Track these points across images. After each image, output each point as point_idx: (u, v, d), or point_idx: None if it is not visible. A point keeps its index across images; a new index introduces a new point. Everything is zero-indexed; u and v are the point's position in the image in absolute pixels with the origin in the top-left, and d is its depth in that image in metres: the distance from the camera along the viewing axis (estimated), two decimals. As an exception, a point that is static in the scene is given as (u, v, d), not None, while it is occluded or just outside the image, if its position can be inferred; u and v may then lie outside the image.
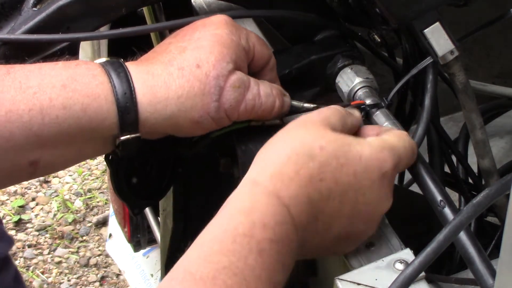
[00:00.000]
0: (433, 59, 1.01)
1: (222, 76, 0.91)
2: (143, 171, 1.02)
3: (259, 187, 0.84)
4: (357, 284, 0.88)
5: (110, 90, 0.89)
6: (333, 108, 0.94)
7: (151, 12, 1.19)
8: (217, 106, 0.92)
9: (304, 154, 0.86)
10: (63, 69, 0.90)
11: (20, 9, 1.01)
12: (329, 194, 0.87)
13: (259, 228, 0.81)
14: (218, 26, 0.94)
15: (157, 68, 0.91)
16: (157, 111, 0.90)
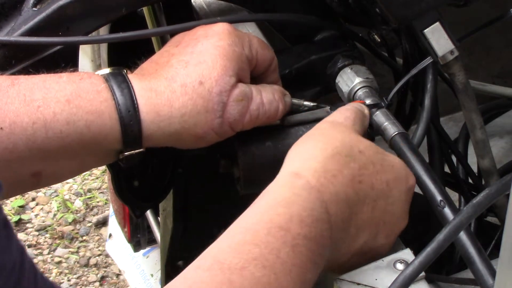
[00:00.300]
0: (433, 59, 1.01)
1: (225, 92, 0.91)
2: (144, 173, 1.02)
3: (301, 181, 0.84)
4: (357, 284, 0.88)
5: (114, 107, 0.89)
6: (354, 110, 0.95)
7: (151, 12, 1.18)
8: (220, 122, 0.92)
9: (346, 154, 0.87)
10: (67, 83, 0.90)
11: (20, 9, 1.00)
12: (364, 198, 0.88)
13: (296, 223, 0.80)
14: (221, 37, 0.94)
15: (160, 85, 0.91)
16: (161, 128, 0.91)
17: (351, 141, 0.89)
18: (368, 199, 0.88)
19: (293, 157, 0.88)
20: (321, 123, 0.92)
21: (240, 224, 0.81)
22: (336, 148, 0.87)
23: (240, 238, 0.79)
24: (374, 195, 0.88)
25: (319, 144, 0.88)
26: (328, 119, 0.93)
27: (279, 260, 0.78)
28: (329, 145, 0.88)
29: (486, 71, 1.72)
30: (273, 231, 0.79)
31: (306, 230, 0.81)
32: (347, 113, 0.94)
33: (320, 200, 0.83)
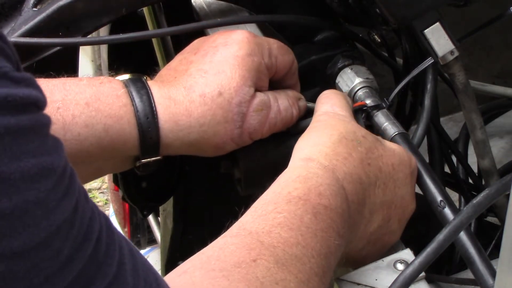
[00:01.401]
0: (433, 59, 1.01)
1: (245, 102, 0.92)
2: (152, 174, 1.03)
3: (314, 162, 0.85)
4: (357, 284, 0.88)
5: (133, 112, 0.89)
6: (342, 96, 0.96)
7: (151, 12, 1.19)
8: (240, 132, 0.92)
9: (352, 139, 0.88)
10: (87, 86, 0.90)
11: (20, 9, 1.01)
12: (375, 180, 0.88)
13: (315, 194, 0.81)
14: (240, 46, 0.94)
15: (179, 94, 0.91)
16: (179, 138, 0.91)
17: (353, 127, 0.90)
18: (379, 181, 0.89)
19: (301, 146, 0.89)
20: (319, 115, 0.93)
21: (260, 202, 0.82)
22: (341, 134, 0.88)
23: (262, 210, 0.80)
24: (384, 178, 0.89)
25: (325, 131, 0.89)
26: (324, 110, 0.93)
27: (304, 224, 0.78)
28: (335, 131, 0.88)
29: (486, 71, 1.72)
30: (294, 201, 0.80)
31: (326, 201, 0.81)
32: (337, 101, 0.95)
33: (335, 179, 0.84)
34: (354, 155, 0.87)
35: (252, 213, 0.80)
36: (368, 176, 0.87)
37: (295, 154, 0.88)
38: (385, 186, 0.89)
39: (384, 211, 0.90)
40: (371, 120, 1.02)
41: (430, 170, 0.95)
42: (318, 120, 0.92)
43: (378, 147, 0.90)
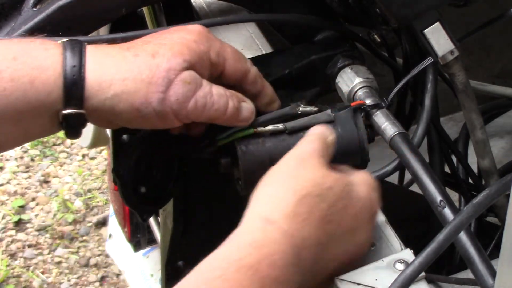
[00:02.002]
0: (433, 59, 1.01)
1: (174, 70, 0.90)
2: (150, 177, 1.03)
3: (273, 226, 0.84)
4: (357, 284, 0.88)
5: (60, 62, 0.88)
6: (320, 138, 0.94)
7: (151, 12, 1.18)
8: (162, 97, 0.89)
9: (316, 194, 0.87)
10: (17, 43, 0.90)
11: (20, 9, 1.00)
12: (332, 237, 0.88)
13: (267, 264, 0.80)
14: (190, 32, 0.93)
15: (114, 51, 0.91)
16: (102, 89, 0.89)
17: (321, 178, 0.88)
18: (336, 236, 0.88)
19: (262, 199, 0.87)
20: (289, 158, 0.91)
21: (209, 262, 0.81)
22: (305, 189, 0.87)
23: (208, 275, 0.79)
24: (342, 232, 0.88)
25: (288, 185, 0.87)
26: (296, 153, 0.92)
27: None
28: (299, 185, 0.87)
29: (486, 71, 1.72)
30: (243, 270, 0.79)
31: (276, 273, 0.81)
32: (314, 145, 0.93)
33: (292, 246, 0.83)
34: (315, 214, 0.86)
35: (198, 276, 0.80)
36: (326, 233, 0.87)
37: (254, 204, 0.87)
38: (341, 238, 0.89)
39: (337, 261, 0.89)
40: (370, 120, 1.02)
41: (430, 170, 0.95)
42: (287, 164, 0.90)
43: (344, 198, 0.89)
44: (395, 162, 1.01)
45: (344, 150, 0.99)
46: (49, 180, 2.71)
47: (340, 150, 0.99)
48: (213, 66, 0.94)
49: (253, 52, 1.16)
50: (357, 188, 0.91)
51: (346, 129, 0.99)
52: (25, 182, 2.69)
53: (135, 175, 1.01)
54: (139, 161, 1.01)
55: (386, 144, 1.00)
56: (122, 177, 1.00)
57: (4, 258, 2.47)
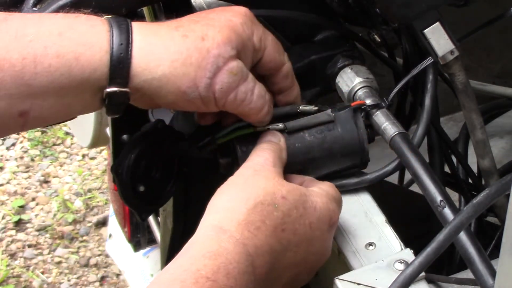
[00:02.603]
0: (433, 59, 1.01)
1: (223, 58, 0.90)
2: (149, 176, 1.03)
3: (226, 235, 0.84)
4: (357, 284, 0.88)
5: (107, 39, 0.87)
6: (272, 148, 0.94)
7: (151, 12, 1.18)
8: (208, 83, 0.89)
9: (269, 203, 0.87)
10: (62, 18, 0.89)
11: (20, 9, 1.00)
12: (287, 245, 0.88)
13: (223, 274, 0.80)
14: (236, 14, 0.93)
15: (162, 30, 0.90)
16: (149, 68, 0.88)
17: (274, 187, 0.89)
18: (291, 245, 0.88)
19: (215, 208, 0.88)
20: (243, 169, 0.91)
21: (165, 276, 0.81)
22: (258, 198, 0.87)
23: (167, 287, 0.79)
24: (297, 241, 0.88)
25: (242, 194, 0.88)
26: (249, 164, 0.92)
27: None
28: (252, 194, 0.87)
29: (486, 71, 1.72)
30: (201, 281, 0.79)
31: (233, 282, 0.81)
32: (266, 155, 0.93)
33: (245, 254, 0.83)
34: (267, 223, 0.86)
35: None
36: (280, 242, 0.87)
37: (209, 213, 0.87)
38: (298, 248, 0.89)
39: (293, 270, 0.90)
40: (370, 120, 1.02)
41: (430, 170, 0.95)
42: (241, 174, 0.91)
43: (298, 207, 0.89)
44: (395, 162, 1.01)
45: (344, 150, 0.99)
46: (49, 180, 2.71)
47: (340, 150, 0.99)
48: (255, 52, 0.94)
49: (253, 52, 1.16)
50: (313, 199, 0.91)
51: (346, 129, 0.99)
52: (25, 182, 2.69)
53: (134, 174, 1.01)
54: (138, 160, 1.01)
55: (386, 144, 1.00)
56: (121, 176, 1.00)
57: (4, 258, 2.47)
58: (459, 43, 1.01)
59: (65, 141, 2.78)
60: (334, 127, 0.99)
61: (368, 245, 0.95)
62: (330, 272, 0.98)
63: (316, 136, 0.98)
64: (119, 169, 1.00)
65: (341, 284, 0.88)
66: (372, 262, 0.92)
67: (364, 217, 0.99)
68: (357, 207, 1.00)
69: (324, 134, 0.99)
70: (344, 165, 0.99)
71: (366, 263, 0.93)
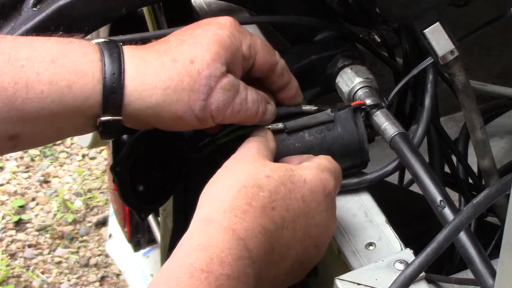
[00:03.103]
0: (433, 59, 1.01)
1: (214, 77, 0.90)
2: (148, 177, 1.03)
3: (213, 225, 0.84)
4: (357, 284, 0.88)
5: (99, 68, 0.88)
6: (256, 138, 0.94)
7: (151, 12, 1.19)
8: (203, 105, 0.90)
9: (253, 185, 0.87)
10: (55, 44, 0.89)
11: (20, 9, 1.00)
12: (282, 223, 0.87)
13: (217, 264, 0.80)
14: (222, 26, 0.93)
15: (151, 56, 0.91)
16: (142, 98, 0.89)
17: (256, 169, 0.89)
18: (286, 222, 0.88)
19: (203, 202, 0.88)
20: (228, 161, 0.92)
21: (161, 275, 0.81)
22: (241, 182, 0.87)
23: (163, 285, 0.79)
24: (292, 216, 0.88)
25: (225, 182, 0.88)
26: (234, 155, 0.92)
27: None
28: (234, 181, 0.87)
29: (486, 71, 1.72)
30: (196, 274, 0.79)
31: (229, 270, 0.80)
32: (249, 144, 0.93)
33: (236, 239, 0.83)
34: (254, 204, 0.86)
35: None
36: (273, 221, 0.86)
37: (197, 209, 0.87)
38: (295, 223, 0.88)
39: (298, 246, 0.89)
40: (370, 120, 1.02)
41: (430, 170, 0.95)
42: (225, 165, 0.91)
43: (286, 183, 0.88)
44: (395, 162, 1.01)
45: (344, 150, 0.99)
46: (49, 180, 2.71)
47: (340, 150, 0.99)
48: (245, 60, 0.95)
49: (253, 52, 1.16)
50: (301, 172, 0.90)
51: (346, 129, 0.99)
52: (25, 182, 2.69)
53: (133, 173, 1.01)
54: (138, 159, 1.01)
55: (386, 144, 1.00)
56: (120, 175, 1.00)
57: (4, 258, 2.47)
58: (459, 43, 1.01)
59: (65, 141, 2.78)
60: (334, 127, 0.99)
61: (368, 245, 0.95)
62: (330, 272, 0.98)
63: (315, 136, 0.99)
64: (118, 168, 1.00)
65: (341, 284, 0.88)
66: (372, 262, 0.92)
67: (364, 217, 0.99)
68: (357, 207, 1.00)
69: (323, 134, 0.99)
70: (343, 165, 0.99)
71: (366, 263, 0.93)
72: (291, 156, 0.97)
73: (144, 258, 1.94)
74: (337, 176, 0.94)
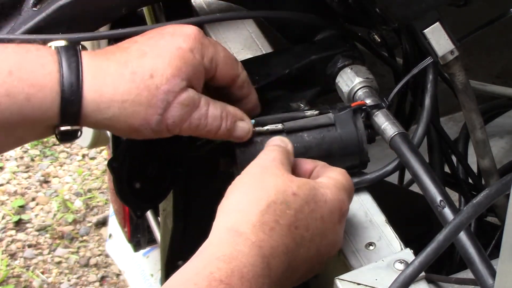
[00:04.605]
0: (433, 59, 1.01)
1: (173, 92, 0.90)
2: (145, 174, 1.03)
3: (241, 238, 0.84)
4: (357, 284, 0.88)
5: (57, 80, 0.88)
6: (279, 149, 0.94)
7: (151, 12, 1.19)
8: (159, 119, 0.90)
9: (281, 202, 0.87)
10: (12, 54, 0.88)
11: (20, 9, 1.00)
12: (301, 242, 0.88)
13: (237, 278, 0.80)
14: (185, 39, 0.92)
15: (111, 67, 0.90)
16: (99, 109, 0.89)
17: (284, 184, 0.88)
18: (304, 241, 0.88)
19: (227, 210, 0.88)
20: (250, 168, 0.91)
21: (179, 278, 0.81)
22: (270, 197, 0.87)
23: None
24: (310, 236, 0.88)
25: (253, 194, 0.87)
26: (257, 162, 0.92)
27: None
28: (264, 194, 0.87)
29: (486, 71, 1.72)
30: (214, 284, 0.79)
31: (247, 286, 0.80)
32: (273, 154, 0.93)
33: (261, 256, 0.83)
34: (281, 223, 0.86)
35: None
36: (294, 240, 0.87)
37: (221, 216, 0.87)
38: (311, 242, 0.89)
39: (307, 264, 0.89)
40: (370, 120, 1.02)
41: (430, 170, 0.95)
42: (249, 172, 0.91)
43: (309, 202, 0.89)
44: (395, 162, 1.01)
45: (343, 151, 0.99)
46: (49, 180, 2.71)
47: (338, 151, 0.99)
48: (207, 73, 0.94)
49: (253, 52, 1.16)
50: (322, 191, 0.90)
51: (345, 130, 0.99)
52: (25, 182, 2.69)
53: (130, 170, 1.01)
54: (135, 156, 1.01)
55: (386, 144, 1.00)
56: (117, 172, 1.00)
57: (4, 258, 2.47)
58: (459, 43, 1.01)
59: (65, 141, 2.78)
60: (333, 128, 0.99)
61: (368, 245, 0.95)
62: (330, 272, 0.98)
63: (314, 137, 0.99)
64: (115, 164, 1.00)
65: (341, 284, 0.88)
66: (372, 262, 0.92)
67: (364, 217, 0.99)
68: (357, 207, 1.00)
69: (322, 134, 0.99)
70: (343, 166, 0.99)
71: (366, 263, 0.92)
72: (304, 160, 0.96)
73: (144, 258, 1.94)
74: (351, 194, 0.95)
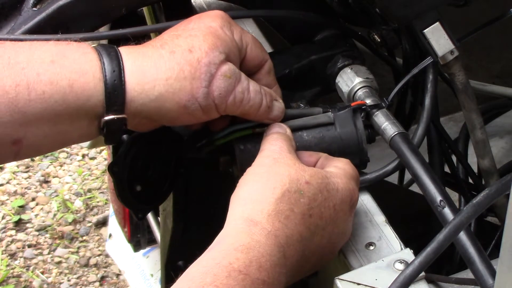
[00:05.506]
0: (433, 59, 1.01)
1: (214, 64, 0.91)
2: (146, 176, 1.03)
3: (257, 227, 0.84)
4: (357, 284, 0.88)
5: (99, 67, 0.88)
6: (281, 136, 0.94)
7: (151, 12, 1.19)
8: (206, 92, 0.90)
9: (295, 191, 0.87)
10: (53, 45, 0.89)
11: (20, 9, 1.00)
12: (315, 230, 0.88)
13: (255, 267, 0.81)
14: (213, 19, 0.94)
15: (148, 51, 0.91)
16: (145, 91, 0.89)
17: (297, 173, 0.89)
18: (318, 229, 0.89)
19: (242, 200, 0.88)
20: (261, 159, 0.92)
21: (198, 268, 0.81)
22: (285, 186, 0.87)
23: (199, 281, 0.79)
24: (324, 224, 0.89)
25: (267, 184, 0.88)
26: (266, 153, 0.92)
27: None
28: (278, 183, 0.88)
29: (486, 71, 1.72)
30: (233, 274, 0.79)
31: (265, 275, 0.81)
32: (279, 143, 0.93)
33: (277, 246, 0.84)
34: (296, 211, 0.87)
35: (189, 283, 0.80)
36: (308, 228, 0.88)
37: (236, 206, 0.87)
38: (324, 231, 0.89)
39: (320, 252, 0.90)
40: (370, 120, 1.02)
41: (430, 170, 0.95)
42: (262, 164, 0.91)
43: (322, 191, 0.89)
44: (395, 162, 1.01)
45: (342, 151, 0.99)
46: (49, 180, 2.71)
47: (338, 150, 0.99)
48: (239, 51, 0.95)
49: (253, 52, 1.16)
50: (334, 180, 0.91)
51: (344, 129, 0.99)
52: (25, 182, 2.69)
53: (131, 173, 1.01)
54: (135, 159, 1.01)
55: (386, 144, 1.00)
56: (117, 175, 1.00)
57: (4, 258, 2.47)
58: (459, 43, 1.01)
59: (65, 141, 2.78)
60: (333, 128, 0.99)
61: (368, 245, 0.95)
62: (330, 272, 0.98)
63: (314, 136, 0.99)
64: (115, 168, 1.00)
65: (341, 284, 0.88)
66: (372, 262, 0.92)
67: (364, 217, 0.99)
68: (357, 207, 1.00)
69: (322, 134, 0.99)
70: (343, 165, 0.99)
71: (366, 263, 0.93)
72: (304, 152, 0.97)
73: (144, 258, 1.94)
74: (359, 184, 0.95)
